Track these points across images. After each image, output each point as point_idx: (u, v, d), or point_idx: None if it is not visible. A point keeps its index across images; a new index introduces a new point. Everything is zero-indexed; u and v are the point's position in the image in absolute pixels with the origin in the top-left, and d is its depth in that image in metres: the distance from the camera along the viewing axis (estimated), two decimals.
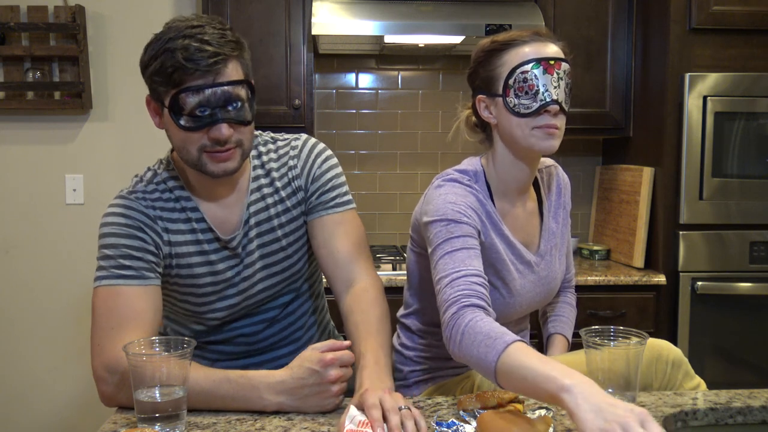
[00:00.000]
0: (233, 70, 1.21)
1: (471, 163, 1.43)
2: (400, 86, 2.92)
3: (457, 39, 2.48)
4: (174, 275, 1.32)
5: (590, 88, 2.60)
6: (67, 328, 2.78)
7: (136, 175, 1.38)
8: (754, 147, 2.37)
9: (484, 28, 2.39)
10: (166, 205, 1.31)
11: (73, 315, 2.76)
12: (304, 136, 1.44)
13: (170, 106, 1.19)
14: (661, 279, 2.38)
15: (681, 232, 2.38)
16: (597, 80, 2.60)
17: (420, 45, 2.58)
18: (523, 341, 1.08)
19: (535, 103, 1.30)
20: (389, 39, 2.47)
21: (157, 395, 1.05)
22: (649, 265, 2.49)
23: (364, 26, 2.40)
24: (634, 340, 1.15)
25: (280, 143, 1.42)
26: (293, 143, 1.41)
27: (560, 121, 1.33)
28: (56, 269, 2.77)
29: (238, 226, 1.34)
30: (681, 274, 2.38)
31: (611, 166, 2.80)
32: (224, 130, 1.20)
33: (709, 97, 2.33)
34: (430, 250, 1.30)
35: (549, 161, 1.57)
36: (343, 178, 1.43)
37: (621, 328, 1.18)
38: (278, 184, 1.38)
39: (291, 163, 1.39)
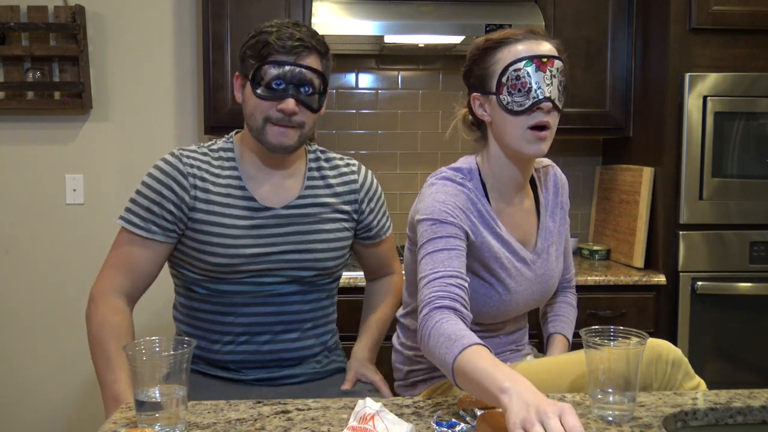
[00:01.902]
0: (313, 61, 1.41)
1: (466, 161, 1.44)
2: (400, 86, 2.92)
3: (457, 39, 2.48)
4: (197, 230, 1.44)
5: (590, 88, 2.60)
6: (66, 328, 2.78)
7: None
8: (754, 147, 2.37)
9: (484, 28, 2.39)
10: (210, 169, 1.46)
11: (73, 315, 2.76)
12: (354, 160, 1.64)
13: (252, 76, 1.40)
14: (661, 279, 2.38)
15: (681, 232, 2.38)
16: (597, 80, 2.60)
17: (420, 45, 2.58)
18: (481, 344, 1.10)
19: (527, 101, 1.31)
20: (389, 39, 2.47)
21: (157, 395, 1.05)
22: (649, 265, 2.49)
23: (364, 26, 2.40)
24: (634, 340, 1.15)
25: (336, 156, 1.61)
26: (349, 161, 1.62)
27: (553, 119, 1.34)
28: (56, 269, 2.77)
29: (277, 203, 1.48)
30: (681, 274, 2.38)
31: (611, 166, 2.80)
32: (291, 104, 1.39)
33: (709, 97, 2.33)
34: (417, 249, 1.33)
35: (546, 161, 1.57)
36: (386, 205, 1.68)
37: (621, 328, 1.18)
38: (337, 189, 1.55)
39: (351, 177, 1.58)
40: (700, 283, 2.36)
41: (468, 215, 1.36)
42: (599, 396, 1.13)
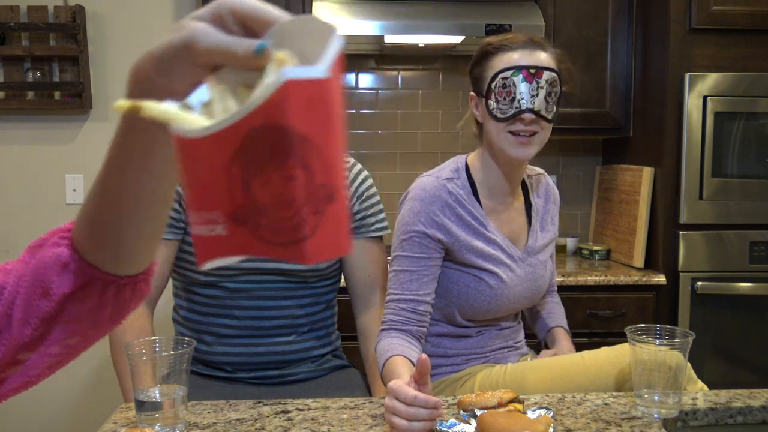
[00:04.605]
0: None
1: (454, 160, 1.49)
2: (400, 86, 2.92)
3: (457, 39, 2.48)
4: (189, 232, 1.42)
5: (590, 88, 2.60)
6: None
7: None
8: (754, 147, 2.37)
9: (484, 28, 2.39)
10: None
11: None
12: (352, 159, 1.61)
13: None
14: (661, 279, 2.38)
15: (681, 232, 2.38)
16: (597, 80, 2.60)
17: (420, 45, 2.58)
18: (400, 356, 1.26)
19: (510, 110, 1.35)
20: (389, 39, 2.47)
21: (157, 395, 1.05)
22: (649, 265, 2.49)
23: (364, 26, 2.40)
24: (678, 338, 1.17)
25: None
26: (347, 160, 1.54)
27: (537, 128, 1.37)
28: None
29: None
30: (681, 274, 2.38)
31: (611, 166, 2.80)
32: None
33: (709, 97, 2.33)
34: (390, 257, 1.45)
35: (539, 170, 1.61)
36: (382, 205, 1.59)
37: (667, 326, 1.19)
38: None
39: None
40: (700, 283, 2.36)
41: (443, 223, 1.39)
42: (645, 395, 1.15)
